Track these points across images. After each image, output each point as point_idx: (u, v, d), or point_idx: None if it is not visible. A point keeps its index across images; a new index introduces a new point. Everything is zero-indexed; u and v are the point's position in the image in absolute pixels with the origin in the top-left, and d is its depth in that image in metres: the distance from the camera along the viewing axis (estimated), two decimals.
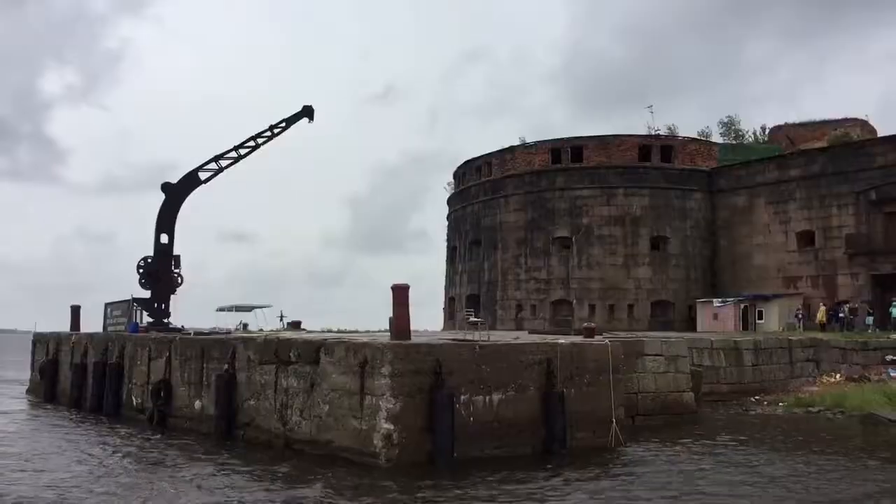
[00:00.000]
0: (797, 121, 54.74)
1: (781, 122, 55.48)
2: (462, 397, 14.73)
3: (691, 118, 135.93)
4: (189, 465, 14.99)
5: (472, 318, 17.61)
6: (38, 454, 16.43)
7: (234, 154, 25.67)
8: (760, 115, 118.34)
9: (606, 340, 17.43)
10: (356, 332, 25.16)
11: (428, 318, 54.56)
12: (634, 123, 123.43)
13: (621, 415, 17.00)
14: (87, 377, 24.19)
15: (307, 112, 26.91)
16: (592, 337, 20.16)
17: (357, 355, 14.76)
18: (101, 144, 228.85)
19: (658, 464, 15.32)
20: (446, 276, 53.06)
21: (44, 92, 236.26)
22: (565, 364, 16.11)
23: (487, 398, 15.09)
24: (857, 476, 14.05)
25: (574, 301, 43.32)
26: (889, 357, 30.03)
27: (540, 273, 44.55)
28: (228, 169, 25.75)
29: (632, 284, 42.93)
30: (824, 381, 28.42)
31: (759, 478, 13.89)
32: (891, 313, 34.14)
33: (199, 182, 25.65)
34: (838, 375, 28.63)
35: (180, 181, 25.52)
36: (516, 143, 48.04)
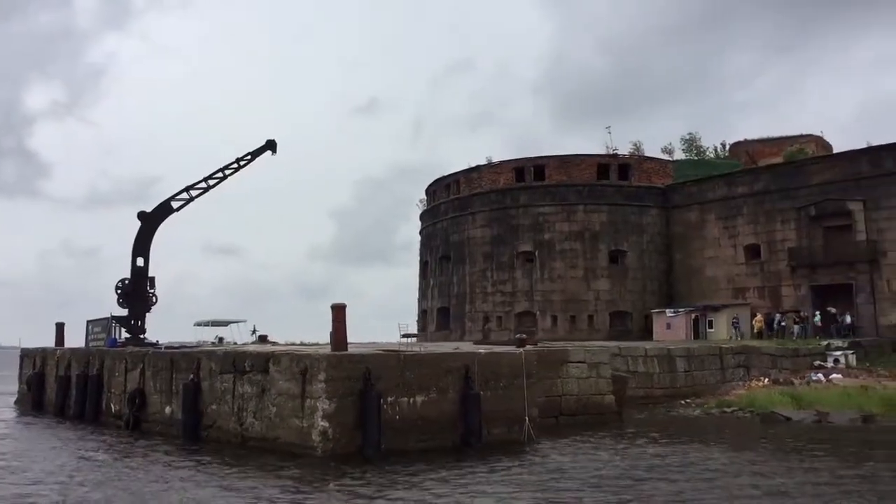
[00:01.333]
0: (756, 137, 58.32)
1: (741, 139, 59.05)
2: (389, 399, 17.72)
3: (671, 129, 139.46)
4: (160, 463, 17.78)
5: (405, 332, 20.61)
6: (27, 455, 19.23)
7: (203, 185, 28.88)
8: (742, 124, 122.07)
9: (521, 350, 20.48)
10: (317, 343, 28.13)
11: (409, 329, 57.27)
12: (615, 135, 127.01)
13: (534, 414, 20.02)
14: (70, 388, 27.21)
15: (270, 146, 30.21)
16: (524, 347, 23.34)
17: (299, 364, 17.78)
18: (85, 159, 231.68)
19: (561, 454, 18.26)
20: (419, 290, 56.12)
21: (27, 106, 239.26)
22: (482, 370, 19.12)
23: (412, 399, 18.09)
24: (719, 461, 17.11)
25: (537, 312, 46.42)
26: (817, 362, 33.26)
27: (505, 286, 47.67)
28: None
29: (591, 296, 46.07)
30: (753, 385, 31.47)
31: (645, 464, 16.85)
32: (814, 322, 37.37)
33: (172, 210, 28.81)
34: (766, 380, 31.68)
35: (154, 210, 28.68)
36: (498, 155, 51.49)
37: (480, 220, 49.21)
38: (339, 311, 18.77)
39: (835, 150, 51.88)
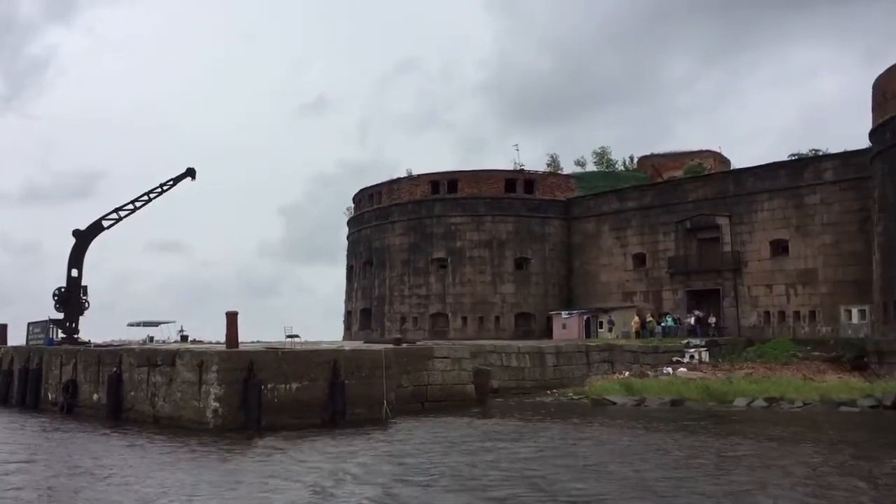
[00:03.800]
0: (662, 152, 65.30)
1: (649, 153, 65.96)
2: (269, 385, 23.48)
3: (613, 131, 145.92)
4: (88, 438, 23.27)
5: (290, 333, 26.42)
6: None
7: (131, 206, 34.51)
8: (681, 127, 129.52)
9: (383, 347, 26.49)
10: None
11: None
12: (554, 139, 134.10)
13: (392, 398, 25.99)
14: (13, 380, 32.70)
15: (190, 172, 36.01)
16: (400, 345, 29.33)
17: (197, 359, 23.52)
18: (24, 153, 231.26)
19: (410, 427, 24.17)
20: (345, 292, 61.97)
21: None
22: (348, 363, 25.02)
23: (288, 386, 23.88)
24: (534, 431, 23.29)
25: (449, 314, 52.62)
26: (675, 358, 39.84)
27: (421, 289, 53.75)
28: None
29: (498, 299, 52.41)
30: (614, 378, 37.84)
31: (474, 432, 22.80)
32: (667, 322, 44.25)
33: (103, 229, 34.45)
34: (627, 373, 38.12)
35: (87, 228, 34.24)
36: (444, 156, 57.97)
37: (399, 229, 55.21)
38: (231, 317, 24.59)
39: (734, 166, 59.18)
